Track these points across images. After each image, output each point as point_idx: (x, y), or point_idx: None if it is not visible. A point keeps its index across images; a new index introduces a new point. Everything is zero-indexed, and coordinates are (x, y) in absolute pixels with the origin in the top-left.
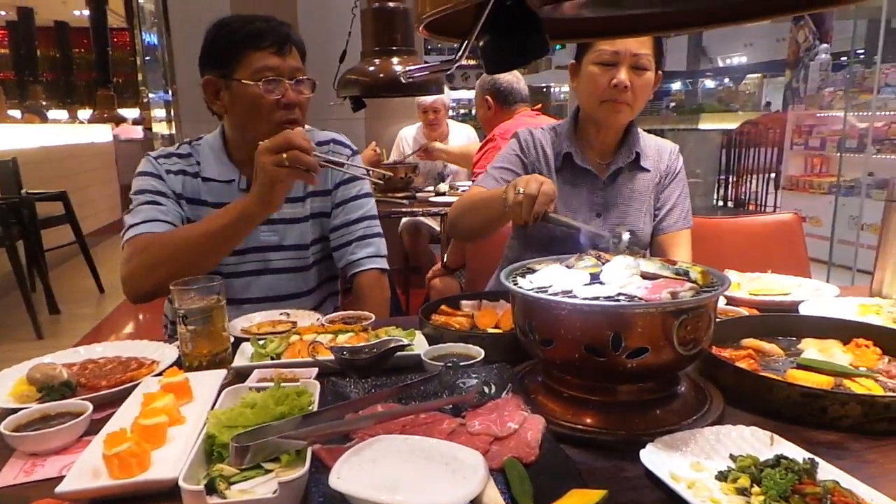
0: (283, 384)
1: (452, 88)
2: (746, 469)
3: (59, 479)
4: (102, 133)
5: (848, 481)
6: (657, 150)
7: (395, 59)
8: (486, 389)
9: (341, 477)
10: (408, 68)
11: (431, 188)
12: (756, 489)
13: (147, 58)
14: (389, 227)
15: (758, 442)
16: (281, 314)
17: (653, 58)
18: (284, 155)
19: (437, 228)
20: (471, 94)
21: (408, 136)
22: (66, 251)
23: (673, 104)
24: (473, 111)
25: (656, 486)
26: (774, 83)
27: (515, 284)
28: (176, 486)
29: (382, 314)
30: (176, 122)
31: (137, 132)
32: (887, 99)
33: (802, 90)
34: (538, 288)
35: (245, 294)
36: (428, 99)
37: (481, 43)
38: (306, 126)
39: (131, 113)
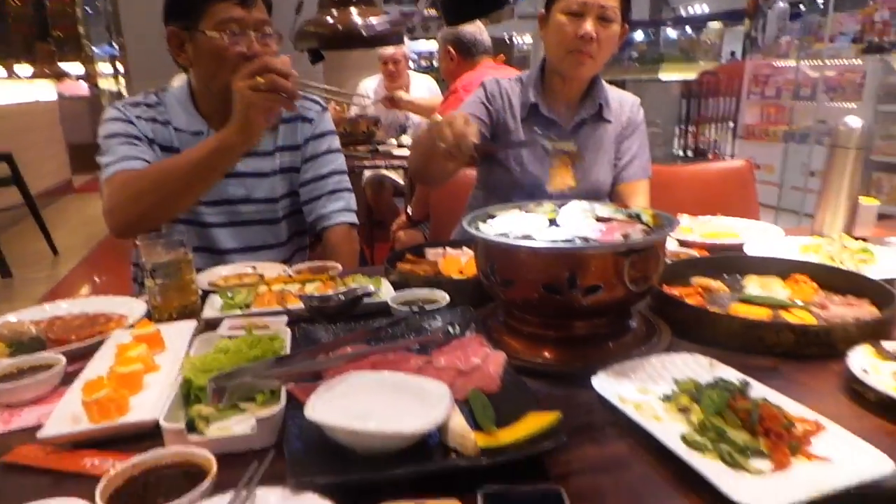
0: (254, 331)
1: (413, 39)
2: (688, 391)
3: (38, 427)
4: (46, 91)
5: (776, 398)
6: (619, 102)
7: (353, 10)
8: (451, 330)
9: (316, 409)
10: (368, 20)
11: (394, 141)
12: (695, 408)
13: (88, 9)
14: (352, 181)
15: (699, 367)
16: (248, 267)
17: (619, 10)
18: (261, 79)
19: (401, 182)
20: (431, 44)
21: (368, 89)
22: (14, 214)
23: (635, 54)
24: (435, 62)
25: (607, 410)
26: (735, 32)
27: (477, 230)
28: (155, 427)
29: (352, 267)
30: (126, 78)
31: (82, 89)
32: (840, 48)
33: (761, 39)
34: (499, 233)
35: (219, 244)
36: (388, 50)
37: None
38: None
39: (74, 68)
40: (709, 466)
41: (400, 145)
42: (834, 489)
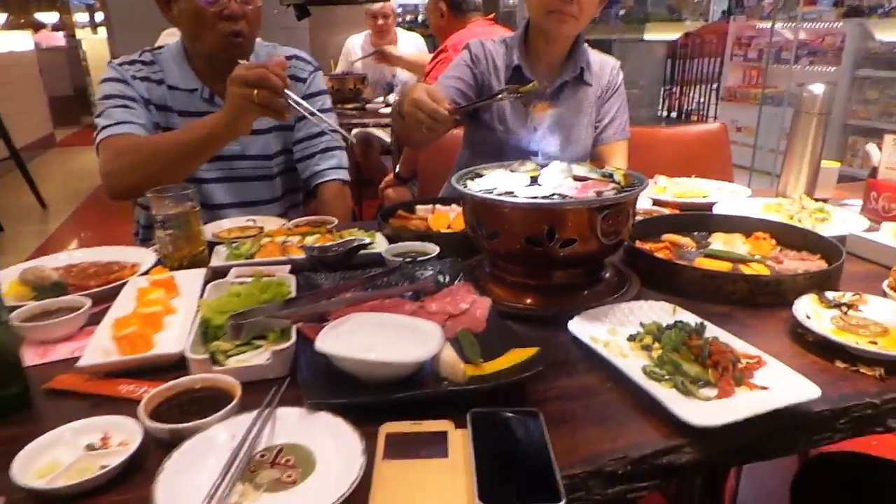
0: (262, 278)
1: None
2: (651, 332)
3: (71, 359)
4: (22, 41)
5: (726, 337)
6: (600, 65)
7: None
8: (441, 278)
9: (326, 343)
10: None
11: (381, 99)
12: (656, 345)
13: None
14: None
15: (663, 312)
16: (248, 220)
17: None
18: (255, 92)
19: (388, 140)
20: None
21: (355, 46)
22: (0, 167)
23: (623, 11)
24: (420, 17)
25: (580, 348)
26: None
27: (465, 187)
28: (179, 359)
29: (345, 222)
30: (107, 28)
31: (59, 39)
32: (822, 11)
33: (748, 0)
34: (485, 189)
35: (215, 199)
36: (377, 5)
37: None
38: (265, 42)
39: (49, 17)
40: (664, 393)
41: (387, 104)
42: (766, 410)
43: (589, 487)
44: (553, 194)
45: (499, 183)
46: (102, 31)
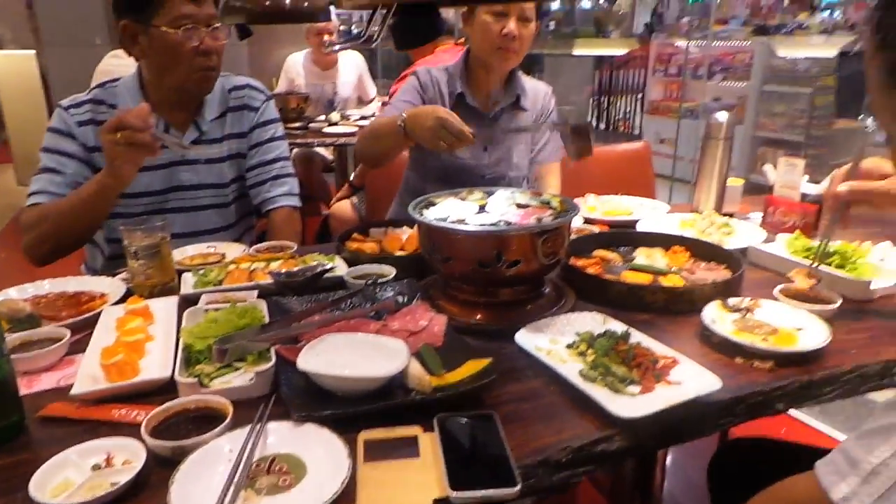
0: (237, 304)
1: (332, 3)
2: (585, 339)
3: (58, 388)
4: None
5: (648, 341)
6: (534, 91)
7: None
8: (400, 299)
9: (307, 362)
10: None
11: (323, 117)
12: (590, 351)
13: None
14: None
15: (595, 322)
16: (208, 247)
17: (536, 10)
18: (119, 135)
19: (330, 157)
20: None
21: (296, 64)
22: None
23: (552, 24)
24: (354, 29)
25: (525, 357)
26: (646, 4)
27: (421, 215)
28: (165, 383)
29: (297, 244)
30: (36, 44)
31: None
32: (734, 30)
33: (666, 17)
34: (439, 218)
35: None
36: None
37: (390, 23)
38: (222, 72)
39: None
40: (598, 392)
41: (330, 122)
42: (679, 401)
43: (539, 475)
44: (499, 221)
45: (451, 211)
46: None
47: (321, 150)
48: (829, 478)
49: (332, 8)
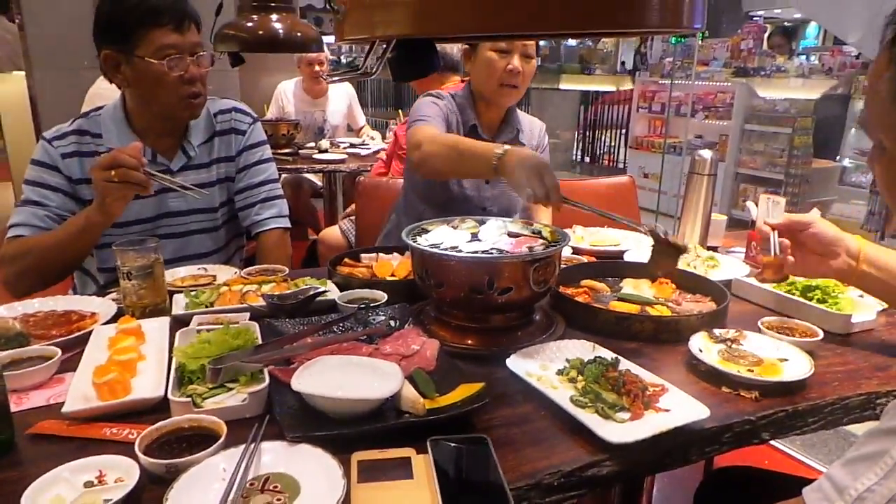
0: (230, 325)
1: (323, 34)
2: (575, 366)
3: (48, 406)
4: None
5: (637, 369)
6: (530, 126)
7: (273, 16)
8: (392, 323)
9: (301, 383)
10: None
11: (312, 144)
12: (580, 378)
13: None
14: None
15: (584, 349)
16: (199, 269)
17: (535, 47)
18: (113, 173)
19: (319, 184)
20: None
21: (287, 91)
22: None
23: (538, 60)
24: (343, 59)
25: (517, 382)
26: (629, 43)
27: (415, 242)
28: (159, 402)
29: (287, 267)
30: (26, 66)
31: None
32: (714, 71)
33: (650, 56)
34: (432, 244)
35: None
36: (312, 53)
37: (389, 55)
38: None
39: None
40: (588, 418)
41: (320, 150)
42: (668, 428)
43: (531, 498)
44: (492, 249)
45: (444, 238)
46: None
47: (310, 177)
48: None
49: (322, 38)
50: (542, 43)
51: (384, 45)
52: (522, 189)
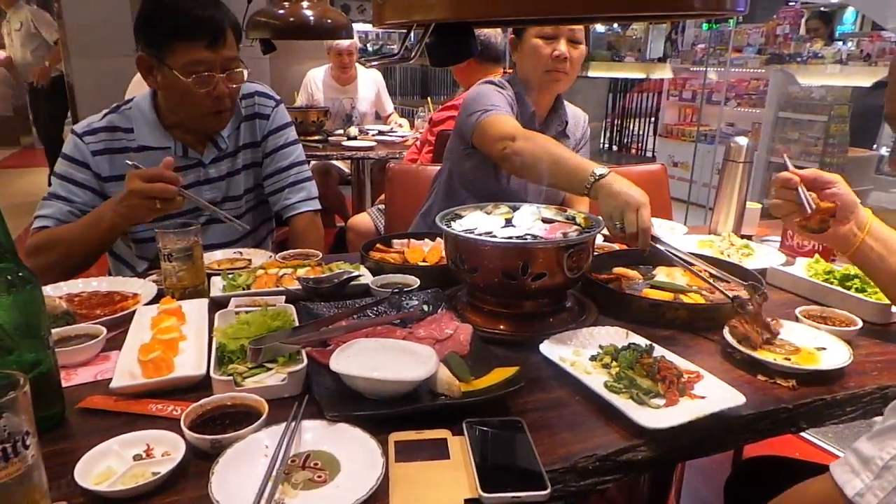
0: (268, 307)
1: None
2: (609, 352)
3: (95, 382)
4: None
5: (671, 356)
6: (574, 118)
7: (304, 3)
8: (426, 307)
9: (339, 364)
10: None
11: (341, 131)
12: (614, 364)
13: None
14: None
15: (618, 336)
16: (234, 252)
17: (583, 32)
18: (158, 203)
19: (346, 170)
20: (368, 26)
21: (316, 79)
22: None
23: None
24: (370, 45)
25: (550, 367)
26: (659, 30)
27: (449, 227)
28: (199, 381)
29: (320, 250)
30: (64, 54)
31: None
32: (748, 58)
33: (681, 42)
34: (466, 229)
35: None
36: (344, 42)
37: (427, 40)
38: None
39: None
40: (623, 403)
41: (348, 136)
42: (703, 415)
43: (565, 481)
44: (526, 234)
45: (478, 224)
46: None
47: (338, 164)
48: (844, 476)
49: (352, 25)
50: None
51: (422, 30)
52: (610, 221)
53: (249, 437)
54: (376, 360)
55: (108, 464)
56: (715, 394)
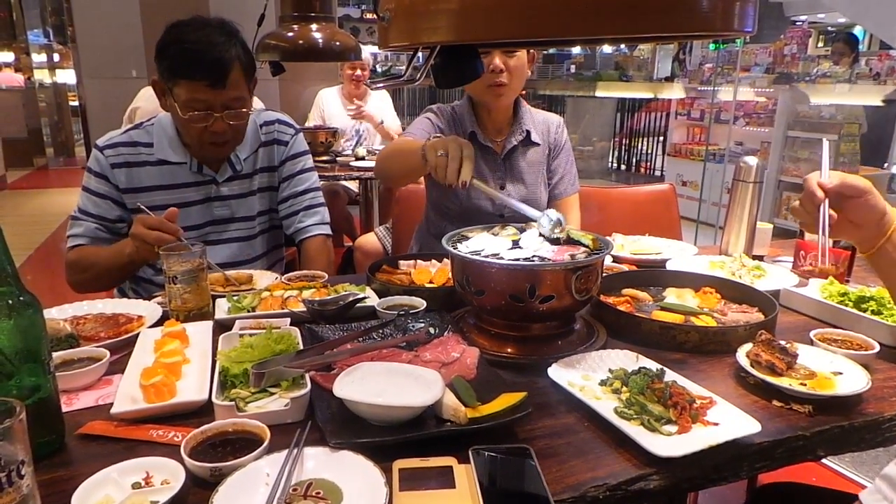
0: (272, 330)
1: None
2: (619, 377)
3: (97, 407)
4: None
5: (683, 381)
6: (545, 123)
7: (313, 26)
8: (432, 330)
9: (343, 390)
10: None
11: (350, 151)
12: (624, 389)
13: None
14: None
15: (628, 360)
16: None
17: None
18: (157, 249)
19: (355, 190)
20: (377, 48)
21: (328, 98)
22: None
23: (573, 68)
24: (379, 67)
25: (558, 391)
26: (666, 50)
27: (455, 248)
28: (201, 406)
29: (330, 273)
30: (77, 75)
31: (17, 80)
32: (755, 77)
33: (688, 61)
34: (472, 251)
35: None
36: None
37: (433, 63)
38: (254, 109)
39: (4, 57)
40: (634, 430)
41: (357, 157)
42: (717, 443)
43: None
44: (533, 256)
45: (484, 245)
46: (61, 73)
47: (347, 183)
48: (874, 503)
49: (362, 47)
50: (577, 50)
51: (427, 52)
52: (433, 152)
53: (250, 466)
54: (381, 384)
55: (106, 492)
56: (729, 420)
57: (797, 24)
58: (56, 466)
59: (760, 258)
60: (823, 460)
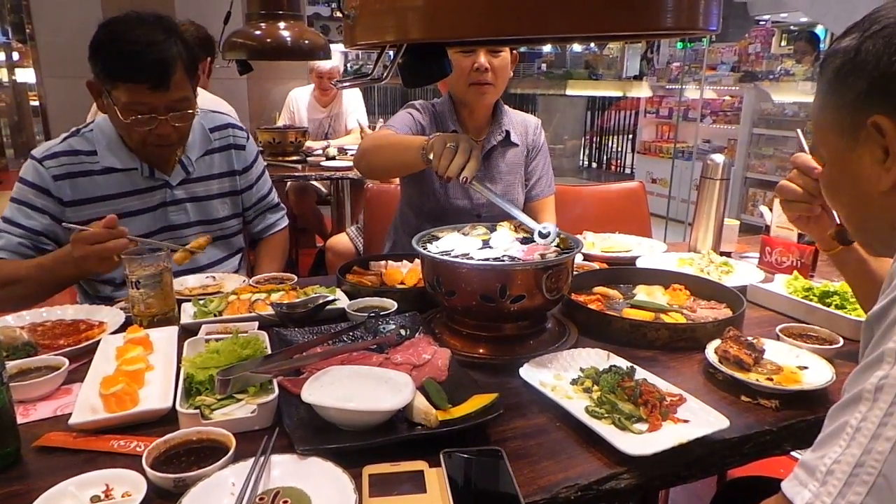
0: (239, 334)
1: (329, 42)
2: (590, 375)
3: (55, 418)
4: None
5: (653, 379)
6: (523, 125)
7: (281, 24)
8: (403, 332)
9: (311, 395)
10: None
11: (320, 150)
12: (595, 387)
13: None
14: (277, 189)
15: (599, 358)
16: (207, 277)
17: None
18: (116, 258)
19: (325, 190)
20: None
21: (298, 98)
22: None
23: (544, 66)
24: (349, 65)
25: (530, 392)
26: (635, 49)
27: (425, 249)
28: (165, 414)
29: (284, 260)
30: (36, 75)
31: None
32: (721, 76)
33: (656, 60)
34: (443, 251)
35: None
36: (325, 65)
37: (400, 61)
38: (199, 110)
39: None
40: (605, 429)
41: (328, 157)
42: (688, 440)
43: None
44: (504, 256)
45: (454, 245)
46: (20, 71)
47: (316, 183)
48: (793, 489)
49: (330, 46)
50: (547, 48)
51: (394, 51)
52: (441, 142)
53: (215, 475)
54: (350, 388)
55: None
56: (698, 417)
57: (761, 23)
58: (12, 480)
59: (728, 254)
60: (791, 453)
